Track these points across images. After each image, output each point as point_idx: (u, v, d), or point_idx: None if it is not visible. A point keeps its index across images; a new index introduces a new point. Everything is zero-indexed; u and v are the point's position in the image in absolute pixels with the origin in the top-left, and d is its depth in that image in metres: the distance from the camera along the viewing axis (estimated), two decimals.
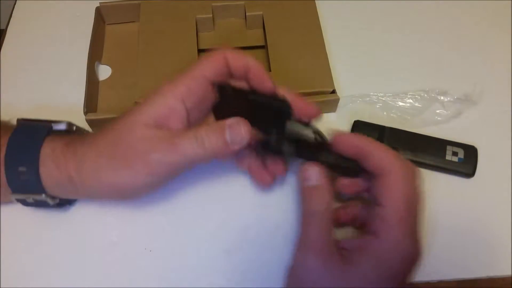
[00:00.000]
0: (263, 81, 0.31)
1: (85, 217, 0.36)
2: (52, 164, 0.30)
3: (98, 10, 0.44)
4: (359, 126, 0.39)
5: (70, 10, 0.47)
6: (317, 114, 0.32)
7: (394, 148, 0.38)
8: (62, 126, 0.32)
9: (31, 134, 0.31)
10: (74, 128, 0.34)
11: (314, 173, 0.30)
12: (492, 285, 0.35)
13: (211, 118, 0.33)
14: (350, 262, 0.28)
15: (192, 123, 0.31)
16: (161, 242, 0.35)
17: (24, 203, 0.32)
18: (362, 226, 0.33)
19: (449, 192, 0.38)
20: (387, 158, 0.29)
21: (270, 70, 0.41)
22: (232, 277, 0.34)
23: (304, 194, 0.30)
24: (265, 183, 0.35)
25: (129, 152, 0.28)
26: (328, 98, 0.40)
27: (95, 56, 0.43)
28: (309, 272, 0.28)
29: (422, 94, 0.41)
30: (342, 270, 0.27)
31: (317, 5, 0.44)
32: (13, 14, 0.47)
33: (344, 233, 0.35)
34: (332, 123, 0.41)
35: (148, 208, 0.37)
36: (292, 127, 0.31)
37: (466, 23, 0.47)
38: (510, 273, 0.34)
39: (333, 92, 0.40)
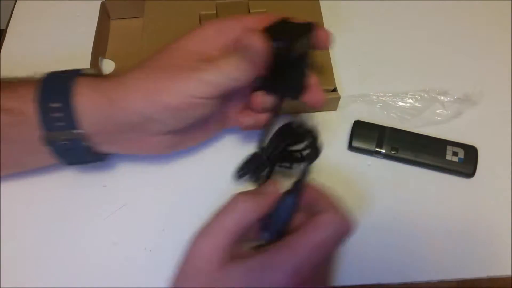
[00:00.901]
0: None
1: (85, 217, 0.36)
2: (87, 89, 0.30)
3: (103, 5, 0.45)
4: (359, 126, 0.39)
5: (70, 10, 0.47)
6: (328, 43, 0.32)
7: (394, 148, 0.38)
8: (92, 71, 0.33)
9: (63, 75, 0.31)
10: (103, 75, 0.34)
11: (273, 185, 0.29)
12: (492, 285, 0.35)
13: None
14: (231, 263, 0.25)
15: None
16: (161, 242, 0.35)
17: (56, 147, 0.31)
18: None
19: (449, 192, 0.38)
20: (331, 204, 0.28)
21: None
22: None
23: None
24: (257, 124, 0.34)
25: (174, 67, 0.30)
26: (329, 97, 0.40)
27: (99, 50, 0.43)
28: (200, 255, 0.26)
29: (422, 94, 0.41)
30: (221, 264, 0.25)
31: (320, 5, 0.44)
32: (13, 14, 0.47)
33: None
34: (333, 123, 0.41)
35: (148, 207, 0.37)
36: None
37: (466, 23, 0.47)
38: (510, 273, 0.34)
39: (334, 90, 0.40)
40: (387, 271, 0.34)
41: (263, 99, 0.33)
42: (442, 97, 0.41)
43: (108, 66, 0.44)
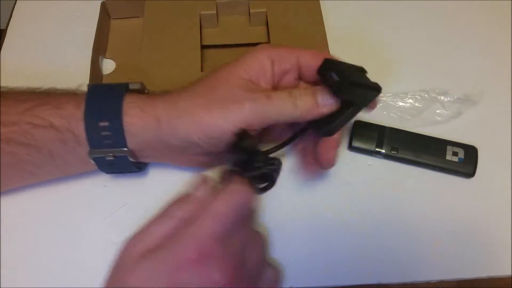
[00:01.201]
0: None
1: (85, 217, 0.36)
2: (136, 109, 0.30)
3: (103, 5, 0.45)
4: (359, 126, 0.39)
5: (70, 10, 0.47)
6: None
7: (394, 148, 0.38)
8: (137, 86, 0.33)
9: (110, 92, 0.31)
10: (146, 91, 0.34)
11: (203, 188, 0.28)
12: (492, 285, 0.35)
13: None
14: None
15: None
16: None
17: (102, 162, 0.32)
18: None
19: (449, 192, 0.38)
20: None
21: None
22: None
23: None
24: (311, 170, 0.35)
25: (226, 96, 0.30)
26: None
27: (99, 50, 0.43)
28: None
29: (422, 94, 0.41)
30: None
31: (321, 5, 0.44)
32: (13, 14, 0.47)
33: None
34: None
35: (148, 208, 0.36)
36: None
37: (467, 23, 0.47)
38: (510, 273, 0.34)
39: None
40: (387, 271, 0.34)
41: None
42: (442, 97, 0.41)
43: (108, 65, 0.44)
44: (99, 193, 0.37)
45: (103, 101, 0.31)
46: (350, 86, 0.30)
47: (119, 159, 0.31)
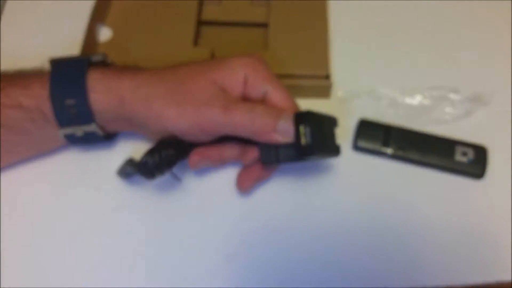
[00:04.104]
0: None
1: (80, 219, 0.36)
2: (103, 87, 0.31)
3: None
4: (364, 125, 0.39)
5: (68, 10, 0.46)
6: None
7: (401, 147, 0.37)
8: (99, 57, 0.33)
9: (72, 68, 0.32)
10: (109, 61, 0.35)
11: None
12: None
13: None
14: None
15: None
16: (161, 247, 0.35)
17: (72, 138, 0.33)
18: None
19: (458, 193, 0.37)
20: None
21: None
22: (232, 282, 0.34)
23: None
24: (244, 187, 0.35)
25: (188, 95, 0.31)
26: (319, 83, 0.39)
27: (97, 17, 0.43)
28: None
29: (431, 92, 0.40)
30: None
31: (330, 4, 0.44)
32: (5, 8, 0.46)
33: None
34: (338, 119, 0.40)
35: (148, 213, 0.36)
36: None
37: (479, 22, 0.46)
38: None
39: (327, 77, 0.39)
40: (393, 275, 0.34)
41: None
42: (452, 96, 0.40)
43: (105, 33, 0.43)
44: (94, 195, 0.36)
45: (66, 79, 0.31)
46: (317, 152, 0.30)
47: (88, 134, 0.33)
